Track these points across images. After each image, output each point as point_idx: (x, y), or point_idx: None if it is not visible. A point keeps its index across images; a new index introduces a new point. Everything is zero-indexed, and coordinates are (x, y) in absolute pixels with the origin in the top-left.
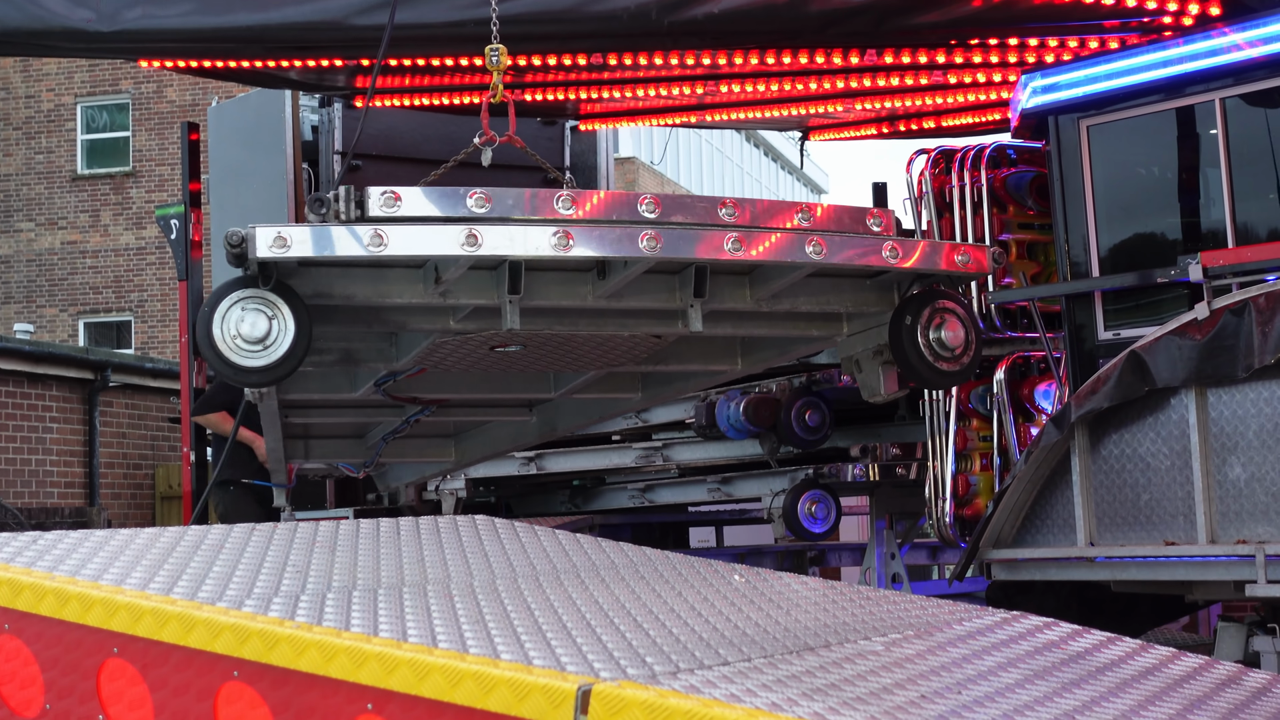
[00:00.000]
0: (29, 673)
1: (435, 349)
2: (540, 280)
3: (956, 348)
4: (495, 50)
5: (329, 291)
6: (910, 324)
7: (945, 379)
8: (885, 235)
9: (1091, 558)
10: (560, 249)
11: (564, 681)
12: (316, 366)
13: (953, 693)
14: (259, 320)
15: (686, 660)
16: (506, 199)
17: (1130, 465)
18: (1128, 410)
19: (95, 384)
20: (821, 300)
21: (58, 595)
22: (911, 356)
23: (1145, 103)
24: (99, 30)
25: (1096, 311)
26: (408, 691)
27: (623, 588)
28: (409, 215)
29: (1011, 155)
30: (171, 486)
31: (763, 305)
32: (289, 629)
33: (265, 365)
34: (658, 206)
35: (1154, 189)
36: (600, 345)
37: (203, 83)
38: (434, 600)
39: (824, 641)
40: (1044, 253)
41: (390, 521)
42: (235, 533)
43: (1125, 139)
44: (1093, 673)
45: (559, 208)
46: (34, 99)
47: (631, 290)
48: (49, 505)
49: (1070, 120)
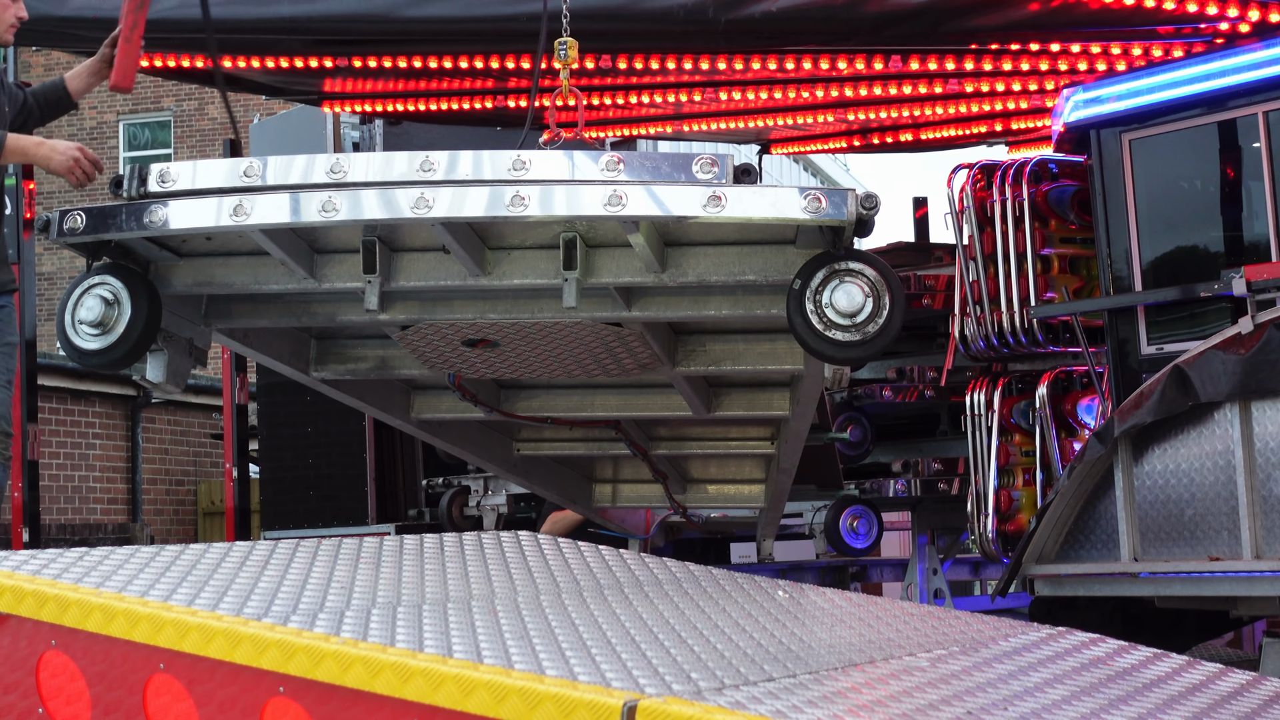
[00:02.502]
0: (75, 688)
1: (412, 346)
2: (418, 261)
3: (852, 313)
4: (564, 44)
5: (210, 280)
6: (799, 288)
7: (841, 350)
8: (711, 183)
9: (1135, 573)
10: (329, 213)
11: (609, 697)
12: (355, 375)
13: (999, 709)
14: (96, 304)
15: (731, 676)
16: (277, 167)
17: (1174, 480)
18: (1171, 425)
19: (138, 400)
20: (729, 269)
21: (104, 611)
22: (798, 325)
23: (1187, 116)
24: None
25: (1139, 326)
26: (453, 707)
27: (666, 603)
28: (183, 190)
29: (1053, 169)
30: (214, 502)
31: (666, 279)
32: (334, 645)
33: (97, 349)
34: (441, 166)
35: (1197, 202)
36: (585, 345)
37: (244, 99)
38: (478, 616)
39: (869, 658)
40: (1086, 267)
41: (433, 537)
42: (280, 548)
43: (1167, 153)
44: (1140, 689)
45: (329, 173)
46: (76, 116)
47: (516, 269)
48: (92, 521)
49: (1112, 134)
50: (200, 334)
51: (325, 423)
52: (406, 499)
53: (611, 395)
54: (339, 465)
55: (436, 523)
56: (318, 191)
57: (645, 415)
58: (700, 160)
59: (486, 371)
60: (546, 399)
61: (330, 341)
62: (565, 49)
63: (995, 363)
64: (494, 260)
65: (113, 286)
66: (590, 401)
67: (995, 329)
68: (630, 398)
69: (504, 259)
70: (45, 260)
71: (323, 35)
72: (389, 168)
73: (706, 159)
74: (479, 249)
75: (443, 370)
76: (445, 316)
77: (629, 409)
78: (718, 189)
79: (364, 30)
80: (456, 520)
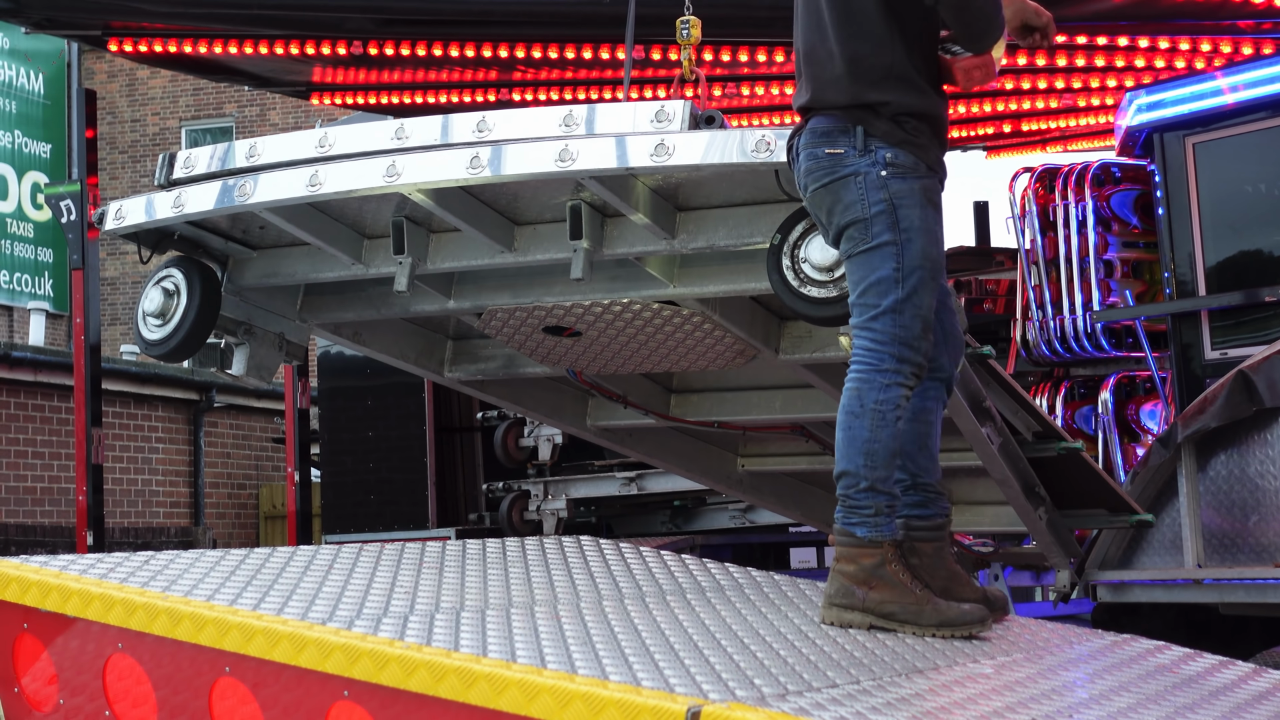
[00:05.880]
0: (142, 691)
1: (494, 332)
2: (451, 242)
3: (828, 267)
4: (686, 23)
5: (276, 271)
6: (777, 243)
7: (818, 308)
8: (662, 132)
9: (1199, 579)
10: (315, 188)
11: (673, 703)
12: (485, 375)
13: (1064, 717)
14: (158, 296)
15: (795, 683)
16: (271, 147)
17: (1238, 486)
18: (1235, 430)
19: (200, 405)
20: (739, 231)
21: (170, 615)
22: (775, 282)
23: (1251, 119)
24: None
25: (1203, 330)
26: (516, 712)
27: (729, 609)
28: (198, 175)
29: (1116, 173)
30: (275, 506)
31: (676, 245)
32: (399, 649)
33: (159, 339)
34: (407, 135)
35: (1261, 206)
36: (662, 331)
37: (305, 105)
38: (541, 621)
39: (933, 664)
40: (1149, 271)
41: (495, 542)
42: (343, 553)
43: (1231, 156)
44: (1206, 697)
45: (314, 148)
46: (139, 123)
47: (538, 246)
48: (155, 525)
49: (1175, 138)
50: (295, 329)
51: (386, 427)
52: (467, 503)
53: (776, 395)
54: (400, 470)
55: (497, 527)
56: (306, 167)
57: (819, 417)
58: (658, 110)
59: (584, 363)
60: (715, 402)
61: (464, 342)
62: (688, 28)
63: (1057, 367)
64: (520, 236)
65: (175, 278)
66: (762, 403)
67: (1058, 334)
68: (803, 398)
69: (529, 234)
70: (109, 265)
71: (395, 15)
72: (367, 138)
73: (665, 108)
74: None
75: (537, 358)
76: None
77: (806, 410)
78: (667, 138)
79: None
80: (517, 525)
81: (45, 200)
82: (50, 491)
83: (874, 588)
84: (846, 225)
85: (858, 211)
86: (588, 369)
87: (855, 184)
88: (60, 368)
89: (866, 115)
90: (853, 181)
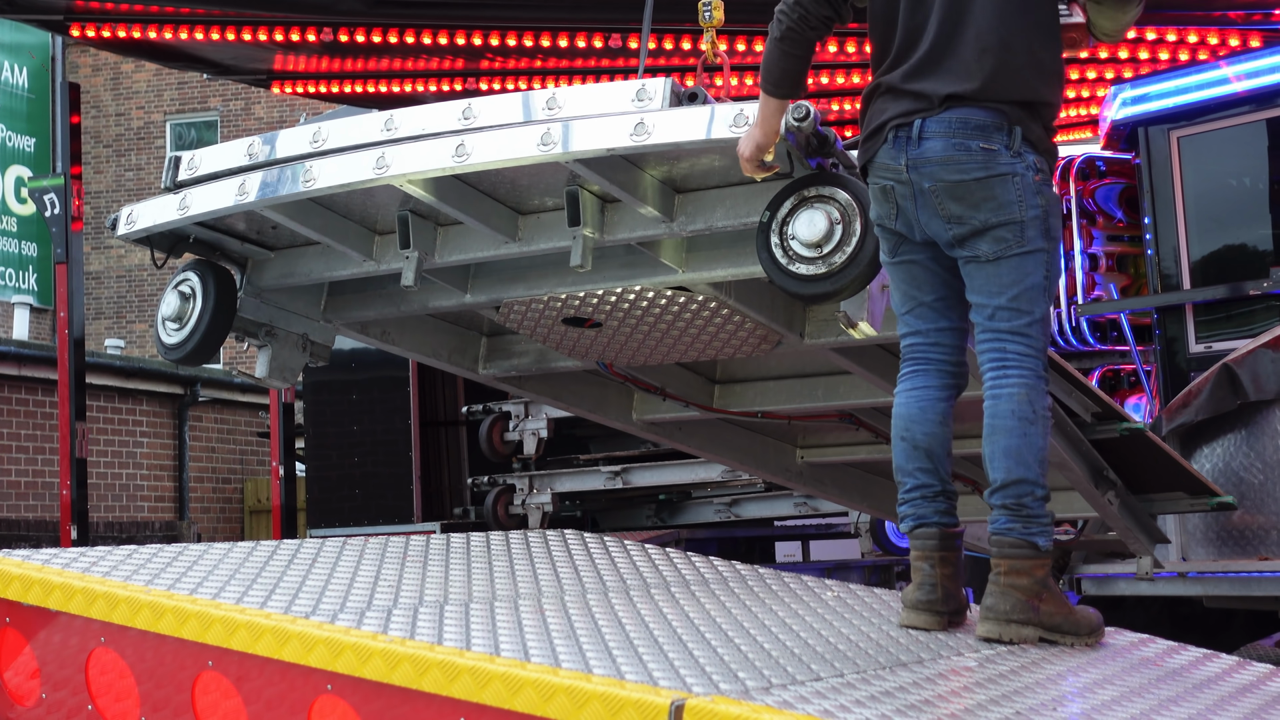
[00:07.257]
0: (125, 685)
1: (514, 324)
2: (461, 235)
3: (815, 242)
4: (709, 6)
5: (293, 271)
6: (766, 220)
7: (807, 286)
8: (642, 110)
9: (1184, 573)
10: (309, 184)
11: (657, 696)
12: (519, 370)
13: (1048, 710)
14: (175, 300)
15: (779, 675)
16: (269, 144)
17: (1222, 480)
18: (1219, 424)
19: (185, 399)
20: (737, 212)
21: (154, 609)
22: (764, 261)
23: (1236, 113)
24: None
25: (1188, 324)
26: (500, 705)
27: (713, 602)
28: (202, 175)
29: (1101, 167)
30: (260, 500)
31: (675, 228)
32: (382, 643)
33: (176, 343)
34: (396, 126)
35: (1245, 200)
36: (681, 319)
37: (290, 100)
38: (525, 614)
39: (917, 657)
40: (1134, 265)
41: (479, 536)
42: (327, 547)
43: (1216, 150)
44: (1191, 690)
45: (308, 144)
46: (124, 116)
47: (542, 235)
48: (139, 519)
49: (1160, 131)
50: (319, 329)
51: (371, 421)
52: (452, 498)
53: (818, 383)
54: (385, 464)
55: (482, 521)
56: (301, 163)
57: (865, 404)
58: (639, 89)
59: (611, 354)
60: (758, 392)
61: (498, 338)
62: (710, 10)
63: None
64: (523, 225)
65: (191, 282)
66: (804, 391)
67: None
68: (845, 384)
69: (533, 223)
70: (93, 259)
71: None
72: (357, 131)
73: (646, 87)
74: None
75: (564, 351)
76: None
77: (850, 397)
78: (646, 117)
79: None
80: (501, 518)
81: (29, 194)
82: (34, 486)
83: (1044, 600)
84: (998, 224)
85: (1014, 213)
86: (616, 360)
87: (1013, 184)
88: (44, 362)
89: (1025, 116)
90: (1010, 181)
